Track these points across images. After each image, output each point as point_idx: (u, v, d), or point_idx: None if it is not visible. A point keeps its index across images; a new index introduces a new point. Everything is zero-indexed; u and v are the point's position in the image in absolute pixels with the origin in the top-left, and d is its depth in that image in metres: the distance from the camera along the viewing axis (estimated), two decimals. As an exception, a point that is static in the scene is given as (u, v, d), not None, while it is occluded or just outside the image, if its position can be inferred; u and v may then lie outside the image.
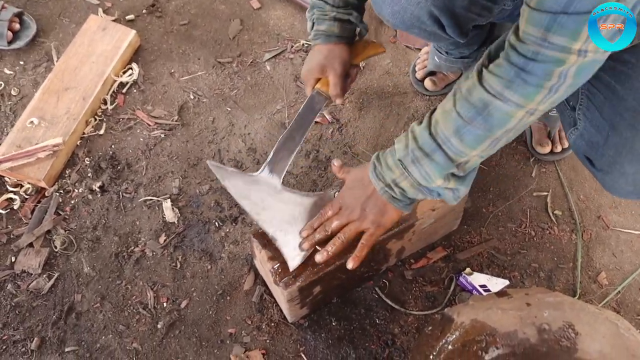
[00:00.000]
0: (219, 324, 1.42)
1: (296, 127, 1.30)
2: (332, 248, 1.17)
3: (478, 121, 0.95)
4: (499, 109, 0.93)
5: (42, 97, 1.63)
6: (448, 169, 1.03)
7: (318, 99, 1.32)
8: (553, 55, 0.85)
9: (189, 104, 1.71)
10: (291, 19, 1.87)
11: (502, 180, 1.62)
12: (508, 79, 0.90)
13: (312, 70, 1.32)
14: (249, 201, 1.23)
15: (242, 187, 1.23)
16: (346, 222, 1.16)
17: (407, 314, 1.43)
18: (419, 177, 1.05)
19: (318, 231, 1.20)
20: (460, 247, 1.53)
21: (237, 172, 1.26)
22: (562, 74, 0.87)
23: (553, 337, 1.12)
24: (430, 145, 1.01)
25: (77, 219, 1.53)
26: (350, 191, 1.16)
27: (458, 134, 0.98)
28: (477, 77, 0.95)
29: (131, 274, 1.47)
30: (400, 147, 1.06)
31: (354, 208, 1.15)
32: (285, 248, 1.22)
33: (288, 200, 1.24)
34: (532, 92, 0.90)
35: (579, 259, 1.52)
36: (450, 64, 1.66)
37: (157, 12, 1.87)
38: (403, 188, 1.08)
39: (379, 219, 1.14)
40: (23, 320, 1.41)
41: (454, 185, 1.07)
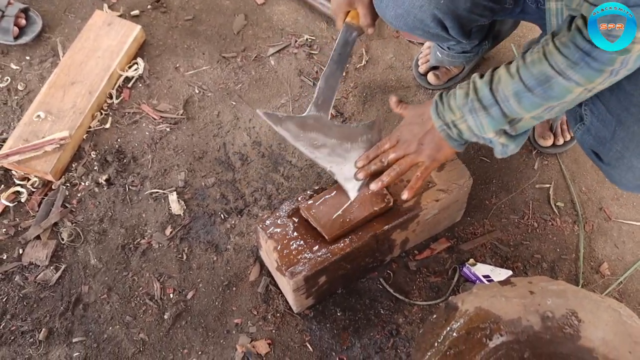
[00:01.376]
0: (225, 314, 1.43)
1: (334, 62, 1.33)
2: (387, 178, 1.22)
3: (538, 91, 1.01)
4: (560, 84, 0.99)
5: (48, 92, 1.65)
6: (501, 125, 1.09)
7: (350, 32, 1.35)
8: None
9: (194, 98, 1.73)
10: (295, 14, 1.89)
11: (504, 172, 1.63)
12: (573, 60, 0.95)
13: (341, 4, 1.34)
14: (302, 142, 1.27)
15: (295, 129, 1.27)
16: (403, 154, 1.21)
17: (412, 304, 1.45)
18: (474, 125, 1.11)
19: (374, 162, 1.25)
20: (464, 238, 1.54)
21: (286, 116, 1.30)
22: (625, 60, 0.92)
23: (556, 325, 1.14)
24: (489, 99, 1.07)
25: (84, 212, 1.55)
26: (409, 126, 1.21)
27: (517, 96, 1.04)
28: (542, 50, 1.00)
29: (138, 265, 1.48)
30: (461, 95, 1.11)
31: (411, 142, 1.20)
32: (344, 181, 1.27)
33: (339, 134, 1.29)
34: (594, 75, 0.96)
35: (581, 250, 1.53)
36: (453, 59, 1.67)
37: (162, 8, 1.88)
38: (461, 130, 1.14)
39: (434, 153, 1.19)
40: (31, 312, 1.42)
41: (505, 141, 1.14)
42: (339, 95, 1.73)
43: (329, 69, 1.33)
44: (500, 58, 1.82)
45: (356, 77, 1.77)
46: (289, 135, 1.28)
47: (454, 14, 1.25)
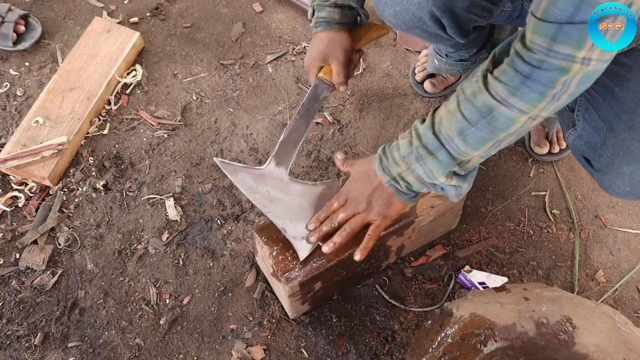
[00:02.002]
0: (220, 320, 1.43)
1: (301, 117, 1.31)
2: (339, 239, 1.20)
3: (482, 124, 0.97)
4: (503, 114, 0.95)
5: (47, 97, 1.66)
6: (450, 167, 1.05)
7: (322, 87, 1.33)
8: (558, 63, 0.87)
9: (191, 105, 1.74)
10: (292, 22, 1.90)
11: (500, 180, 1.64)
12: (513, 86, 0.92)
13: (315, 59, 1.33)
14: (257, 195, 1.25)
15: (250, 182, 1.25)
16: (352, 214, 1.19)
17: (407, 311, 1.45)
18: (423, 173, 1.07)
19: (325, 223, 1.22)
20: (460, 245, 1.54)
21: (244, 167, 1.28)
22: (566, 83, 0.89)
23: (551, 331, 1.14)
24: (434, 143, 1.03)
25: (81, 217, 1.55)
26: (356, 183, 1.18)
27: (462, 134, 1.00)
28: (482, 82, 0.97)
29: (134, 270, 1.49)
30: (404, 144, 1.08)
31: (360, 200, 1.17)
32: (295, 239, 1.25)
33: (295, 191, 1.26)
34: (535, 99, 0.92)
35: (576, 257, 1.53)
36: (450, 67, 1.68)
37: (161, 15, 1.90)
38: (409, 182, 1.10)
39: (385, 210, 1.16)
40: (27, 316, 1.42)
41: (456, 182, 1.10)
42: (336, 102, 1.74)
43: (294, 122, 1.30)
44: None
45: (353, 84, 1.79)
46: (244, 187, 1.25)
47: (451, 13, 1.25)
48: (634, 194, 1.25)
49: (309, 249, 1.25)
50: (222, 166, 1.26)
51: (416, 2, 1.25)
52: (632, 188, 1.23)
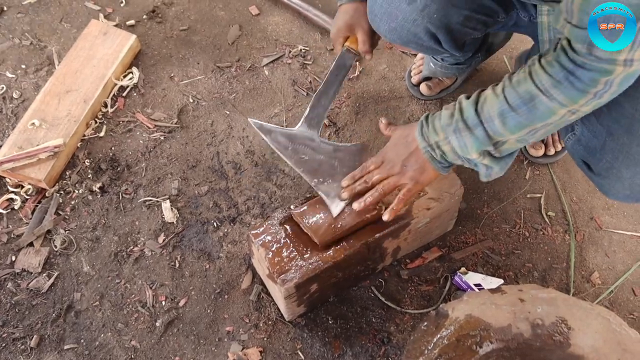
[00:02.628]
0: (216, 322, 1.43)
1: (329, 83, 1.37)
2: (370, 199, 1.24)
3: (523, 110, 1.02)
4: (544, 103, 0.99)
5: (43, 100, 1.66)
6: (485, 146, 1.09)
7: (347, 56, 1.38)
8: (601, 66, 0.91)
9: (188, 107, 1.74)
10: (289, 24, 1.91)
11: (496, 182, 1.64)
12: (557, 79, 0.96)
13: (341, 29, 1.37)
14: (290, 154, 1.30)
15: (284, 142, 1.32)
16: (386, 175, 1.22)
17: (403, 313, 1.45)
18: (457, 146, 1.11)
19: (359, 182, 1.26)
20: (456, 247, 1.55)
21: (277, 128, 1.33)
22: (609, 82, 0.93)
23: (546, 332, 1.14)
24: (474, 120, 1.07)
25: (77, 219, 1.55)
26: (394, 147, 1.22)
27: (502, 116, 1.04)
28: (528, 70, 1.01)
29: (130, 273, 1.49)
30: (446, 115, 1.12)
31: (395, 163, 1.21)
32: (327, 197, 1.30)
33: (327, 151, 1.33)
34: (577, 95, 0.96)
35: (572, 259, 1.54)
36: (445, 70, 1.69)
37: (158, 18, 1.90)
38: (444, 151, 1.14)
39: (417, 176, 1.20)
40: (23, 319, 1.42)
41: (489, 162, 1.14)
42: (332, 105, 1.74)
43: (322, 88, 1.37)
44: (492, 69, 1.84)
45: (349, 87, 1.79)
46: (278, 146, 1.31)
47: (447, 28, 1.26)
48: (633, 197, 1.27)
49: (342, 206, 1.29)
50: (256, 126, 1.33)
51: (411, 18, 1.26)
52: (632, 192, 1.25)
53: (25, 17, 1.88)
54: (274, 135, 1.32)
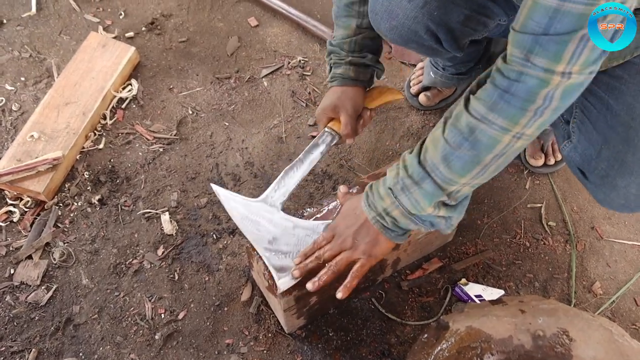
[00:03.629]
0: (216, 334, 1.42)
1: (302, 159, 1.32)
2: (324, 277, 1.16)
3: (465, 147, 0.95)
4: (485, 133, 0.93)
5: (42, 112, 1.66)
6: (438, 197, 1.02)
7: (328, 136, 1.34)
8: (536, 75, 0.86)
9: (187, 119, 1.74)
10: (288, 36, 1.91)
11: (496, 192, 1.64)
12: (492, 101, 0.91)
13: (325, 110, 1.34)
14: (247, 225, 1.24)
15: (243, 211, 1.26)
16: (338, 250, 1.15)
17: (404, 324, 1.44)
18: (409, 205, 1.05)
19: (310, 259, 1.18)
20: (456, 258, 1.54)
21: (238, 196, 1.28)
22: (547, 96, 0.88)
23: (548, 344, 1.13)
24: (419, 173, 1.02)
25: (76, 232, 1.55)
26: (344, 220, 1.16)
27: (446, 160, 0.98)
28: (464, 103, 0.96)
29: (129, 285, 1.48)
30: (391, 176, 1.07)
31: (346, 237, 1.14)
32: (278, 272, 1.22)
33: (286, 226, 1.25)
34: (516, 115, 0.90)
35: (573, 269, 1.53)
36: (446, 80, 1.69)
37: (157, 30, 1.90)
38: (394, 217, 1.08)
39: (370, 249, 1.13)
40: (21, 332, 1.41)
41: (445, 213, 1.07)
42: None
43: (295, 164, 1.31)
44: (491, 79, 1.84)
45: (349, 98, 1.79)
46: (236, 215, 1.26)
47: (447, 26, 1.26)
48: (628, 207, 1.25)
49: (290, 284, 1.21)
50: (217, 192, 1.28)
51: (412, 15, 1.25)
52: (627, 201, 1.23)
53: (24, 29, 1.89)
54: (233, 204, 1.27)
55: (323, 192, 1.62)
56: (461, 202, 1.09)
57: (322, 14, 1.94)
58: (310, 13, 1.92)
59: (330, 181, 1.64)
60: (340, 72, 1.32)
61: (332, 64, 1.35)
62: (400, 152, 1.69)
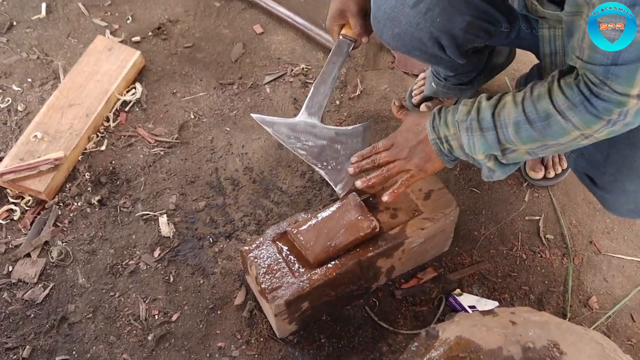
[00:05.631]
0: (208, 337, 1.43)
1: (327, 72, 1.41)
2: (375, 178, 1.27)
3: (537, 125, 1.04)
4: (559, 123, 1.01)
5: (46, 113, 1.68)
6: (493, 150, 1.11)
7: (344, 43, 1.41)
8: (615, 98, 0.93)
9: (189, 123, 1.76)
10: (292, 43, 1.93)
11: (494, 203, 1.64)
12: (573, 102, 0.98)
13: (333, 17, 1.40)
14: (293, 143, 1.36)
15: (286, 132, 1.37)
16: (393, 159, 1.25)
17: (396, 333, 1.44)
18: (466, 144, 1.13)
19: (366, 161, 1.30)
20: (451, 268, 1.53)
21: (278, 119, 1.40)
22: (622, 113, 0.95)
23: (537, 356, 1.12)
24: (489, 122, 1.09)
25: (75, 232, 1.56)
26: (405, 133, 1.25)
27: (517, 126, 1.06)
28: (548, 87, 1.03)
29: (125, 286, 1.49)
30: (463, 111, 1.13)
31: (403, 148, 1.23)
32: (332, 178, 1.35)
33: (329, 136, 1.37)
34: (591, 121, 0.98)
35: (569, 283, 1.52)
36: (447, 91, 1.69)
37: (163, 35, 1.93)
38: (452, 146, 1.17)
39: (422, 164, 1.22)
40: (16, 329, 1.43)
41: (492, 166, 1.15)
42: (332, 123, 1.75)
43: (321, 76, 1.41)
44: (494, 91, 1.84)
45: (350, 106, 1.80)
46: (281, 137, 1.36)
47: (450, 33, 1.28)
48: (637, 212, 1.27)
49: (346, 183, 1.35)
50: (259, 120, 1.39)
51: (414, 22, 1.27)
52: (636, 206, 1.25)
53: (33, 32, 1.92)
54: (276, 126, 1.37)
55: (321, 199, 1.62)
56: (509, 165, 1.17)
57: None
58: (315, 22, 1.93)
59: (328, 188, 1.64)
60: None
61: None
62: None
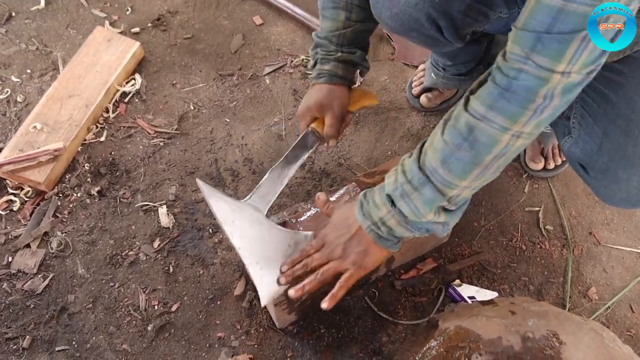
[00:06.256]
0: (208, 328, 1.43)
1: (286, 162, 1.29)
2: (309, 286, 1.12)
3: (464, 147, 0.94)
4: (484, 132, 0.92)
5: (46, 104, 1.68)
6: (438, 202, 1.00)
7: (312, 138, 1.31)
8: (536, 74, 0.86)
9: (188, 114, 1.75)
10: (292, 34, 1.92)
11: (494, 195, 1.64)
12: (491, 99, 0.90)
13: (311, 108, 1.31)
14: (231, 227, 1.17)
15: (227, 212, 1.19)
16: (327, 259, 1.12)
17: (395, 323, 1.44)
18: (408, 212, 1.02)
19: (297, 267, 1.15)
20: (451, 259, 1.53)
21: (224, 195, 1.22)
22: (548, 95, 0.87)
23: (537, 346, 1.13)
24: (419, 178, 0.99)
25: (75, 222, 1.56)
26: (334, 229, 1.13)
27: (445, 163, 0.96)
28: (463, 103, 0.95)
29: (124, 276, 1.49)
30: (390, 182, 1.04)
31: (336, 247, 1.11)
32: (259, 282, 1.15)
33: (270, 234, 1.21)
34: (516, 113, 0.89)
35: (569, 274, 1.52)
36: (447, 81, 1.68)
37: (162, 26, 1.92)
38: (390, 226, 1.05)
39: (360, 259, 1.10)
40: (16, 319, 1.43)
41: (444, 219, 1.05)
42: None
43: (279, 166, 1.28)
44: (494, 82, 1.83)
45: (350, 97, 1.79)
46: (220, 215, 1.18)
47: (448, 15, 1.24)
48: (630, 201, 1.24)
49: (273, 294, 1.16)
50: (203, 189, 1.20)
51: (413, 3, 1.25)
52: (628, 194, 1.23)
53: (32, 23, 1.91)
54: (219, 203, 1.19)
55: (320, 189, 1.62)
56: (461, 207, 1.07)
57: (327, 14, 1.95)
58: (315, 13, 1.92)
59: (328, 179, 1.64)
60: (328, 68, 1.29)
61: (318, 59, 1.31)
62: (400, 152, 1.70)
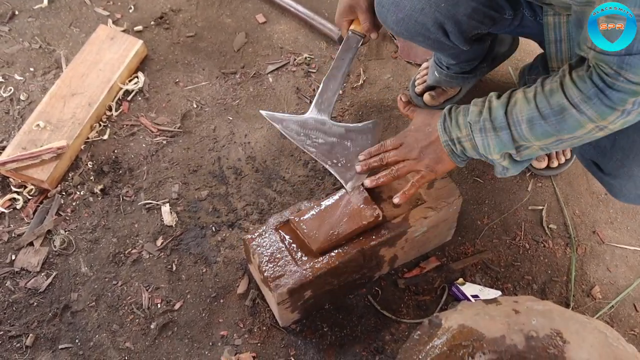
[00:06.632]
0: (211, 326, 1.43)
1: (336, 67, 1.41)
2: (383, 178, 1.28)
3: (551, 120, 1.03)
4: (573, 116, 1.01)
5: (49, 102, 1.68)
6: (508, 148, 1.11)
7: (353, 39, 1.41)
8: (629, 88, 0.93)
9: (191, 113, 1.75)
10: (295, 33, 1.92)
11: (497, 193, 1.63)
12: (588, 95, 0.98)
13: (342, 13, 1.40)
14: (302, 140, 1.35)
15: (295, 128, 1.36)
16: (402, 158, 1.25)
17: (399, 322, 1.44)
18: (480, 145, 1.13)
19: (374, 159, 1.29)
20: (454, 257, 1.53)
21: (288, 115, 1.39)
22: (637, 102, 0.95)
23: (541, 345, 1.12)
24: (502, 122, 1.09)
25: (78, 220, 1.56)
26: (415, 133, 1.24)
27: (530, 122, 1.06)
28: (559, 80, 1.02)
29: (127, 275, 1.49)
30: (475, 112, 1.13)
31: (413, 148, 1.23)
32: (341, 176, 1.34)
33: (338, 133, 1.36)
34: (606, 112, 0.98)
35: (572, 273, 1.52)
36: (450, 80, 1.68)
37: (165, 24, 1.92)
38: (465, 147, 1.17)
39: (433, 165, 1.22)
40: (19, 317, 1.43)
41: (507, 164, 1.16)
42: (335, 113, 1.74)
43: (330, 72, 1.41)
44: (497, 80, 1.83)
45: (353, 95, 1.79)
46: (290, 134, 1.35)
47: (454, 19, 1.27)
48: None
49: (355, 180, 1.33)
50: (268, 117, 1.38)
51: (419, 7, 1.26)
52: None
53: (35, 21, 1.92)
54: (285, 123, 1.36)
55: (324, 188, 1.62)
56: (523, 162, 1.17)
57: (330, 12, 1.94)
58: (318, 11, 1.92)
59: (331, 177, 1.64)
60: None
61: None
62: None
